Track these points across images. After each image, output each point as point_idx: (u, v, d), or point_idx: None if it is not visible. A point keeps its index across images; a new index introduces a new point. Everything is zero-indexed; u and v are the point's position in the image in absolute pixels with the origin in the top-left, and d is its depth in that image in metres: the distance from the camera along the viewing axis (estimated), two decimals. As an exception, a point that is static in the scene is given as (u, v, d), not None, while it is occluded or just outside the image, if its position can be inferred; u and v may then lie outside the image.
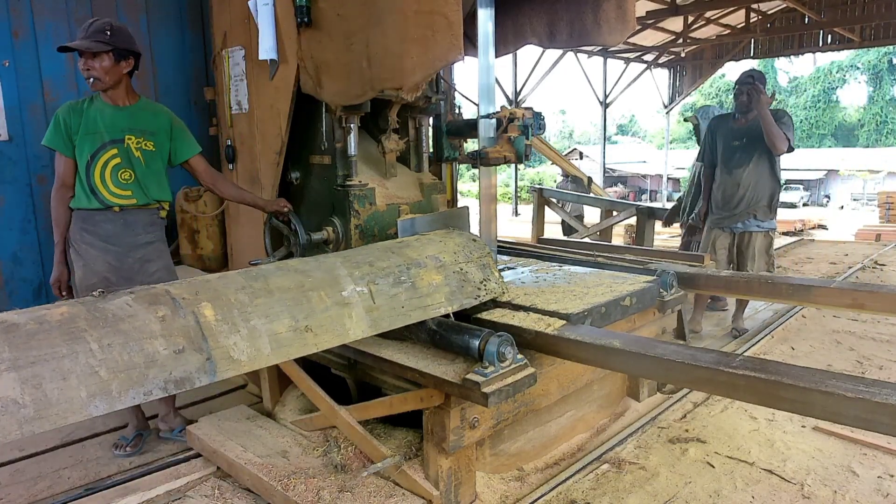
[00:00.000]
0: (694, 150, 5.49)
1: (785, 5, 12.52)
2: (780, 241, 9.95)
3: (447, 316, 2.15)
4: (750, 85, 4.02)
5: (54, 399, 1.33)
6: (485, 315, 2.29)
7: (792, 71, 37.64)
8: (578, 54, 15.03)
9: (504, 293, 2.43)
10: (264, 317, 1.70)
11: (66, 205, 2.67)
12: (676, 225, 5.75)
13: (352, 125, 2.75)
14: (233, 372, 1.61)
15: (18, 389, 1.28)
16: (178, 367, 1.51)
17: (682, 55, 17.04)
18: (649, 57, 16.44)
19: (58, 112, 2.62)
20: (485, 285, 2.34)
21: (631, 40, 14.15)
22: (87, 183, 2.63)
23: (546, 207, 7.04)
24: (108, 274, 2.68)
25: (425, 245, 2.32)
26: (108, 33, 2.54)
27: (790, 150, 4.01)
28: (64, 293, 2.71)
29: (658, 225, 5.96)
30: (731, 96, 4.31)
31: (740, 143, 4.14)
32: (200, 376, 1.54)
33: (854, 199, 28.08)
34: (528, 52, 26.46)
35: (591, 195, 7.46)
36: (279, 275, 1.85)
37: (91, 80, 2.60)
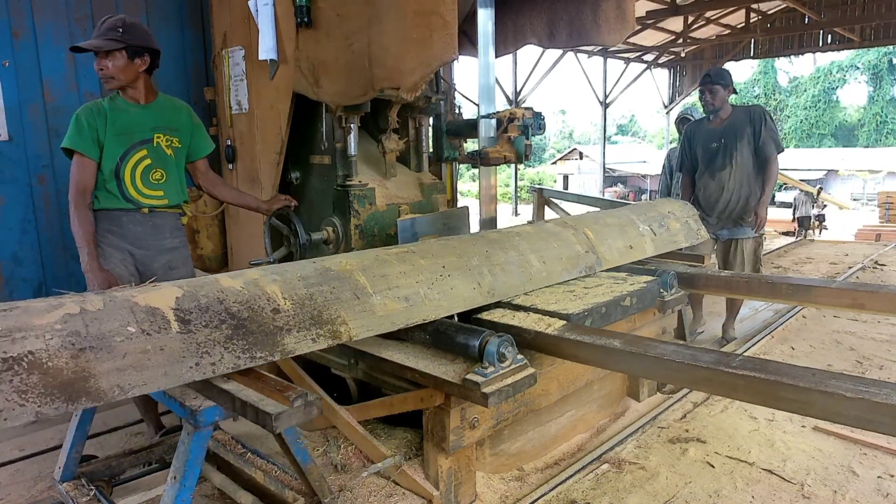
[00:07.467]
0: None
1: (785, 5, 12.54)
2: (779, 241, 9.96)
3: (450, 317, 2.15)
4: (708, 84, 3.99)
5: (538, 271, 2.49)
6: (485, 315, 2.28)
7: (792, 71, 37.52)
8: (578, 54, 15.04)
9: (707, 239, 3.59)
10: (610, 238, 2.88)
11: (88, 210, 2.50)
12: None
13: (352, 125, 2.75)
14: (608, 266, 2.76)
15: (537, 262, 2.50)
16: (588, 260, 2.69)
17: (682, 55, 17.06)
18: (649, 57, 16.45)
19: (78, 114, 2.49)
20: (698, 233, 3.46)
21: (631, 40, 14.15)
22: (116, 185, 2.51)
23: (546, 207, 7.04)
24: (132, 279, 2.54)
25: (658, 206, 3.46)
26: (121, 30, 2.43)
27: (780, 151, 3.96)
28: None
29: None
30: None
31: (719, 145, 4.04)
32: (596, 268, 2.71)
33: (854, 199, 28.02)
34: (528, 52, 26.49)
35: (591, 196, 7.47)
36: (607, 218, 3.06)
37: (105, 79, 2.48)
